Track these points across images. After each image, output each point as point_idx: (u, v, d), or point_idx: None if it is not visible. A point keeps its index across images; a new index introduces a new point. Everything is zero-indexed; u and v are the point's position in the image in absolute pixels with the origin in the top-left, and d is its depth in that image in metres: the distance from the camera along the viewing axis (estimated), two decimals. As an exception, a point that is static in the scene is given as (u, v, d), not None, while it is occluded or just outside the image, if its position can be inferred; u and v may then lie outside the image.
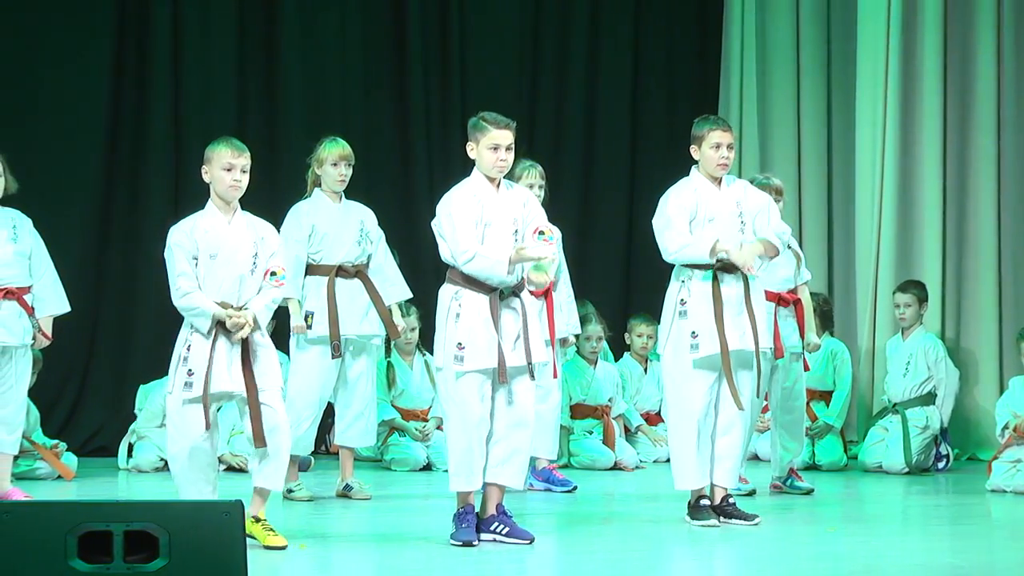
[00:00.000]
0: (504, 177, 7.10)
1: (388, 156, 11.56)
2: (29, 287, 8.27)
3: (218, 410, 6.94)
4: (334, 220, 8.36)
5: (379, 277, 8.47)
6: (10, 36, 10.74)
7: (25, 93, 10.76)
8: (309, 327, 8.27)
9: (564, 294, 9.05)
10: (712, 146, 7.45)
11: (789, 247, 8.54)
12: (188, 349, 6.69)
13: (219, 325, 6.66)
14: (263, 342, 6.81)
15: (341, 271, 8.35)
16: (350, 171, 8.41)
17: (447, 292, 6.89)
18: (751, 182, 8.33)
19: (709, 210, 7.43)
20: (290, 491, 8.37)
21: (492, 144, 6.85)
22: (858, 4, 11.22)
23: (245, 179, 6.77)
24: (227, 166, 6.74)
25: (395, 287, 8.57)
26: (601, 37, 12.10)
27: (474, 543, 6.76)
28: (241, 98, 11.25)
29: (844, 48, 11.52)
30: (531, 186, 8.64)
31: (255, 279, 6.79)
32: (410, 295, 8.72)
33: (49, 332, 8.35)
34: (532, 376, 6.89)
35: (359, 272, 8.40)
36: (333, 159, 8.37)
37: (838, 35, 11.62)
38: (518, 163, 8.72)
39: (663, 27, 12.22)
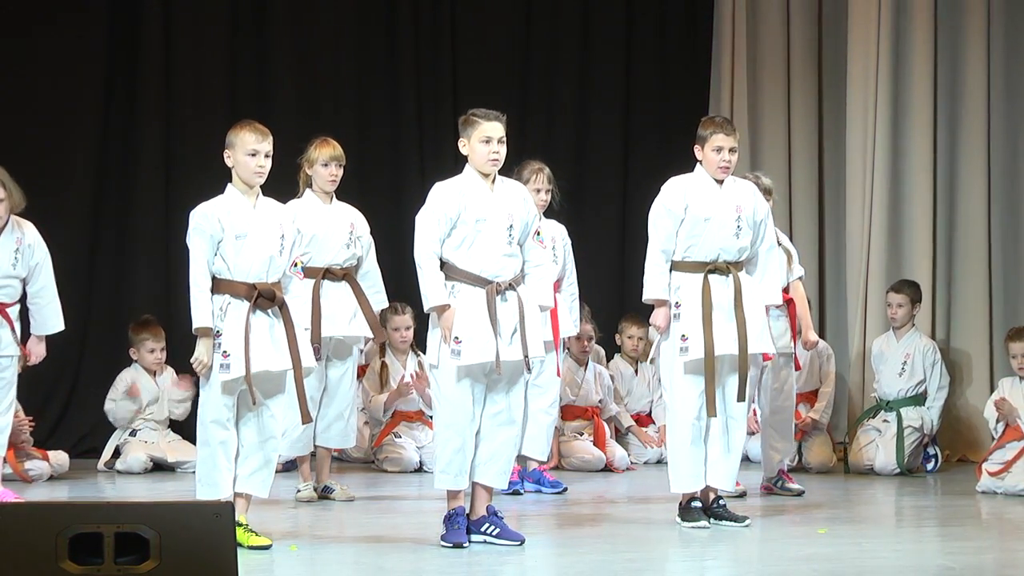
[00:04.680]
0: (512, 179, 7.10)
1: (379, 152, 11.56)
2: (15, 302, 8.27)
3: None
4: (323, 222, 8.36)
5: (365, 283, 8.48)
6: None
7: (14, 96, 10.75)
8: None
9: (567, 294, 9.05)
10: (714, 149, 7.43)
11: (780, 244, 8.56)
12: (218, 334, 6.68)
13: (257, 301, 6.67)
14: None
15: (329, 273, 8.35)
16: (341, 171, 8.44)
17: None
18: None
19: (705, 210, 7.43)
20: (298, 491, 8.45)
21: (484, 137, 6.85)
22: (848, 2, 11.23)
23: (268, 164, 6.80)
24: (251, 151, 6.76)
25: (377, 295, 8.57)
26: (592, 35, 12.09)
27: (464, 545, 6.76)
28: (232, 96, 11.24)
29: (835, 47, 11.52)
30: (538, 191, 8.65)
31: (283, 260, 6.83)
32: (387, 305, 8.75)
33: (42, 349, 8.34)
34: (528, 369, 6.88)
35: (347, 275, 8.40)
36: (324, 159, 8.40)
37: (829, 33, 11.62)
38: (525, 165, 8.76)
39: (654, 24, 12.22)
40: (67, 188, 10.83)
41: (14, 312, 8.28)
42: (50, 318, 8.39)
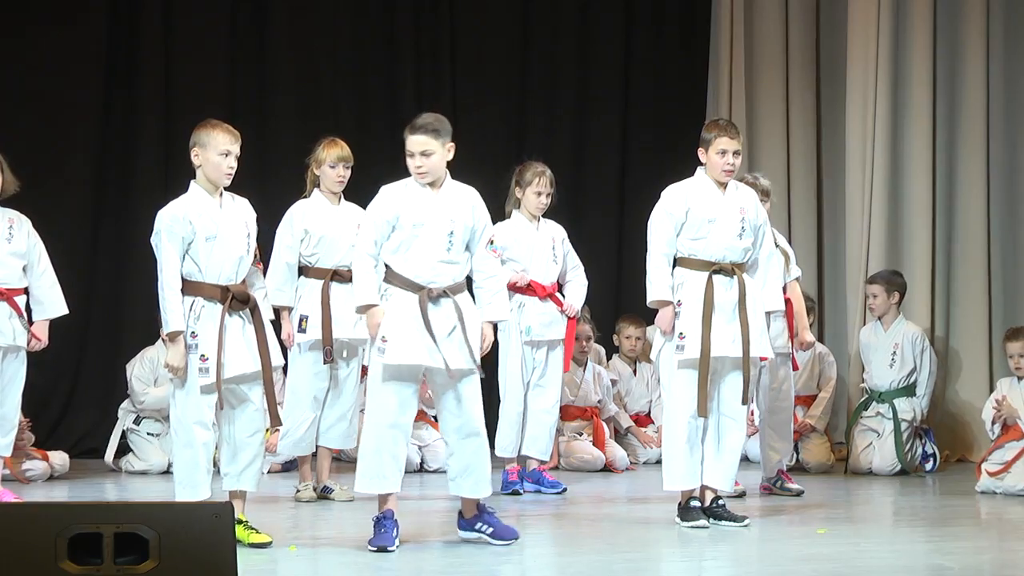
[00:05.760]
0: (515, 182, 7.04)
1: (379, 152, 11.54)
2: (22, 289, 8.27)
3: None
4: (331, 223, 8.37)
5: None
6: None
7: (14, 95, 10.75)
8: (303, 331, 8.27)
9: (577, 287, 9.11)
10: (718, 152, 7.44)
11: (777, 245, 8.57)
12: (194, 336, 6.66)
13: (229, 304, 6.64)
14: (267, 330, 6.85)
15: (336, 275, 8.35)
16: (348, 172, 8.45)
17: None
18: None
19: (709, 211, 7.43)
20: (297, 491, 8.47)
21: (407, 150, 6.77)
22: (848, 3, 11.23)
23: (235, 166, 6.77)
24: (224, 152, 6.72)
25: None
26: (591, 37, 12.10)
27: (390, 548, 6.64)
28: (232, 95, 11.25)
29: (833, 48, 11.53)
30: (539, 194, 8.71)
31: (250, 258, 6.82)
32: None
33: (45, 335, 8.35)
34: (481, 373, 6.78)
35: None
36: (331, 160, 8.42)
37: (827, 35, 11.63)
38: (528, 167, 8.78)
39: (653, 26, 12.23)
40: (67, 188, 10.84)
41: (22, 302, 8.28)
42: (54, 301, 8.40)
